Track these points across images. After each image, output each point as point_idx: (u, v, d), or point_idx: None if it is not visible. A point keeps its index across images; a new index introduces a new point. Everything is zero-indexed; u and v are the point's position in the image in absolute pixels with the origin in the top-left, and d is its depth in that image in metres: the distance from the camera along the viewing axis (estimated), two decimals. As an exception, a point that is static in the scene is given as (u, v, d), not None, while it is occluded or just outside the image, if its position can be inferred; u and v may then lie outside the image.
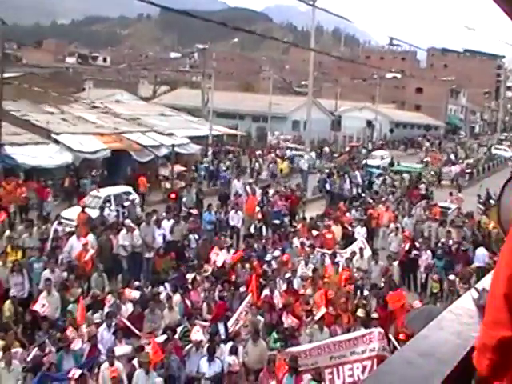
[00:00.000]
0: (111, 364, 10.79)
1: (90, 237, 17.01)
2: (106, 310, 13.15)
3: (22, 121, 32.05)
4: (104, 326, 12.25)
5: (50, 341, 11.82)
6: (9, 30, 73.22)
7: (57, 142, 30.26)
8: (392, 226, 22.15)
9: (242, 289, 14.77)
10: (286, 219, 24.10)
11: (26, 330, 12.98)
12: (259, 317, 13.05)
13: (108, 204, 22.77)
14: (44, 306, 13.36)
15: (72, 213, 21.12)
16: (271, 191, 26.81)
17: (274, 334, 12.69)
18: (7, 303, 13.47)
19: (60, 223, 18.87)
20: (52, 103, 37.28)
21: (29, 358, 11.29)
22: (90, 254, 15.92)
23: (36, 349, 11.46)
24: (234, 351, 11.74)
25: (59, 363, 11.31)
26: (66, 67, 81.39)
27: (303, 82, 78.65)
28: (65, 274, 15.24)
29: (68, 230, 18.32)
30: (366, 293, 15.46)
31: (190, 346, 11.89)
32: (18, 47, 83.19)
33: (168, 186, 29.01)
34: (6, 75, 30.17)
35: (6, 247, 16.26)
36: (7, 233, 17.90)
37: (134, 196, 24.57)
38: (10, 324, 12.83)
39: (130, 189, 25.38)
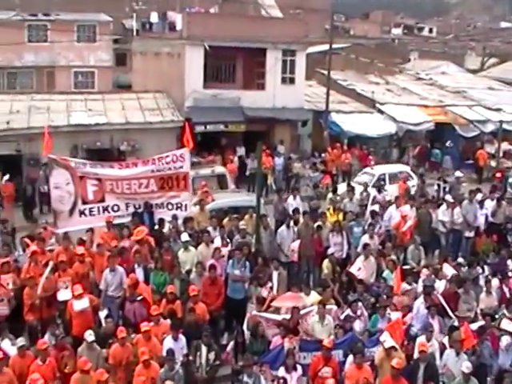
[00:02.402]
0: (428, 340, 10.72)
1: (407, 208, 16.92)
2: (421, 283, 13.03)
3: (349, 90, 33.52)
4: (421, 299, 12.14)
5: (363, 304, 12.13)
6: (338, 4, 76.72)
7: (381, 111, 30.95)
8: None
9: None
10: None
11: (342, 289, 13.49)
12: None
13: (382, 183, 21.80)
14: (360, 269, 13.74)
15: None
16: None
17: None
18: (326, 261, 14.14)
19: (379, 191, 19.17)
20: (377, 74, 38.15)
21: (342, 317, 11.76)
22: (408, 225, 15.88)
23: (349, 309, 11.86)
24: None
25: (372, 327, 11.59)
26: (391, 38, 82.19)
27: None
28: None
29: (388, 198, 18.59)
30: None
31: (504, 336, 11.16)
32: (345, 19, 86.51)
33: (493, 164, 27.31)
34: (334, 46, 31.71)
35: (328, 208, 17.16)
36: (330, 195, 18.85)
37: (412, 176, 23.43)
38: (328, 281, 13.45)
39: (407, 168, 24.53)
